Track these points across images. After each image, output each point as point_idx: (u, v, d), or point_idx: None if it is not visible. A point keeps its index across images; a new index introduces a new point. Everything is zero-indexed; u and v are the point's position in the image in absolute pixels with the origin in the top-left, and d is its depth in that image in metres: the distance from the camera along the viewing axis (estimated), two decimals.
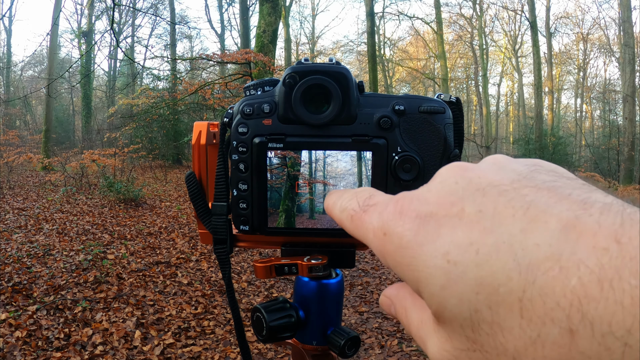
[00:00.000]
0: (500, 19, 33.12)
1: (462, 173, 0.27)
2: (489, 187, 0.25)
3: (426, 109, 0.47)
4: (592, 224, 0.20)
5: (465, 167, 0.27)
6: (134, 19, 29.14)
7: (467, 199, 0.25)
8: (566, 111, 39.76)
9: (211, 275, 5.26)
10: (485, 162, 0.28)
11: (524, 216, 0.22)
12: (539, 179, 0.24)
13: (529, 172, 0.25)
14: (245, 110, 0.47)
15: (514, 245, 0.21)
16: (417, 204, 0.26)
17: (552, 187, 0.23)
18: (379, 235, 0.27)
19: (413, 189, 0.45)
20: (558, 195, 0.22)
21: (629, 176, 16.42)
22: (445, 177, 0.27)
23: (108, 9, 19.88)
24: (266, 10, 10.40)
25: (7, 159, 11.68)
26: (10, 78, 30.45)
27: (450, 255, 0.23)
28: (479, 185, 0.25)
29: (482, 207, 0.24)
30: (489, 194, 0.24)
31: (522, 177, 0.25)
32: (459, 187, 0.26)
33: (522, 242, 0.21)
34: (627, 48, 17.27)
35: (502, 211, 0.23)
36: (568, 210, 0.21)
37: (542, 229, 0.21)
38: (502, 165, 0.27)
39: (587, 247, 0.20)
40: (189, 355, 3.49)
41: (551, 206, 0.22)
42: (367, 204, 0.30)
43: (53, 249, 5.69)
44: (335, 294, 0.52)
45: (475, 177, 0.26)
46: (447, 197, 0.25)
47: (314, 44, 37.61)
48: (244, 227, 0.49)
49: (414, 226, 0.25)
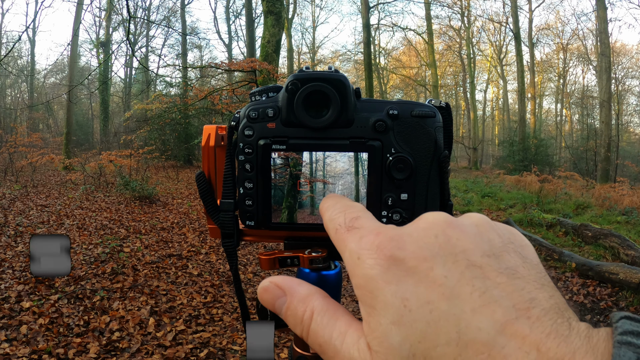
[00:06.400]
0: (486, 30, 33.10)
1: (444, 229, 0.27)
2: (461, 255, 0.26)
3: (418, 113, 0.47)
4: (525, 328, 0.22)
5: (449, 222, 0.28)
6: (148, 30, 29.12)
7: (439, 261, 0.25)
8: (547, 115, 39.74)
9: (219, 267, 5.26)
10: (468, 221, 0.29)
11: (479, 298, 0.24)
12: (504, 262, 0.26)
13: (501, 247, 0.27)
14: (251, 114, 0.47)
15: (461, 320, 0.23)
16: (394, 245, 0.27)
17: (512, 275, 0.25)
18: (353, 257, 0.28)
19: (406, 187, 0.45)
20: (512, 287, 0.24)
21: (605, 175, 16.41)
22: (429, 227, 0.28)
23: (124, 21, 19.88)
24: (270, 22, 10.39)
25: (31, 159, 11.67)
26: (34, 85, 30.45)
27: (408, 302, 0.24)
28: (453, 249, 0.26)
29: (448, 274, 0.25)
30: (458, 263, 0.25)
31: (492, 254, 0.26)
32: (436, 244, 0.26)
33: (469, 320, 0.23)
34: (604, 57, 17.25)
35: (463, 285, 0.24)
36: (513, 308, 0.23)
37: (487, 317, 0.23)
38: (481, 232, 0.27)
39: (514, 346, 0.22)
40: (199, 341, 3.49)
41: (503, 298, 0.23)
42: (352, 224, 0.31)
43: (73, 243, 5.69)
44: (334, 285, 0.52)
45: (454, 237, 0.26)
46: (423, 251, 0.26)
47: (314, 54, 37.56)
48: (249, 223, 0.49)
49: (385, 264, 0.26)
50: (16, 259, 4.85)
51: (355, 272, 0.27)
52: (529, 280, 0.25)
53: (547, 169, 19.67)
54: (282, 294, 0.32)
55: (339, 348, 0.28)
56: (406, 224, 0.47)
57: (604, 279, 4.96)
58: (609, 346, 0.21)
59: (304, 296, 0.32)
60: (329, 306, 0.31)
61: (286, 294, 0.32)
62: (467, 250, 0.26)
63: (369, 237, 0.28)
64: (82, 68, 28.84)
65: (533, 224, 8.07)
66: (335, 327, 0.29)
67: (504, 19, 29.28)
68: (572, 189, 12.97)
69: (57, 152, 15.37)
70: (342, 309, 0.31)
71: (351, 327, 0.28)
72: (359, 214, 0.32)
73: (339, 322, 0.29)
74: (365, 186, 0.47)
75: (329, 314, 0.30)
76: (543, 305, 0.23)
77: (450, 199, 0.50)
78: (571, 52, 32.78)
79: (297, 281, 0.33)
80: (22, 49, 30.24)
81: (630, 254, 5.71)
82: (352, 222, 0.31)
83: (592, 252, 6.28)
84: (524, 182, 13.93)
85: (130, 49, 22.08)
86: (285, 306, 0.32)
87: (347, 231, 0.30)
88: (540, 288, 0.24)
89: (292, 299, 0.32)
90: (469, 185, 15.28)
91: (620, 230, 7.35)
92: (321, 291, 0.33)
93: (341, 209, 0.33)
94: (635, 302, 4.47)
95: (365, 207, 0.34)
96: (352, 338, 0.27)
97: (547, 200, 11.05)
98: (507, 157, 22.55)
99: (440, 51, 33.65)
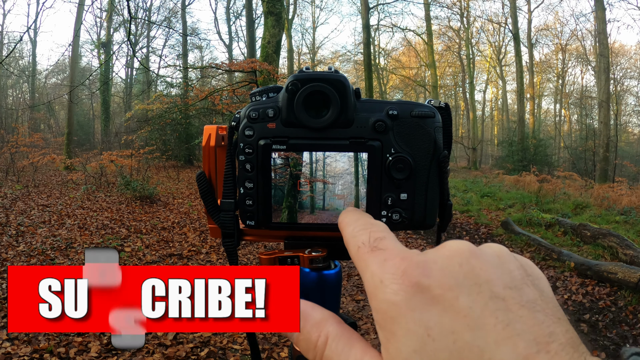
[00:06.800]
0: (485, 31, 33.09)
1: (468, 258, 0.27)
2: (485, 285, 0.26)
3: (417, 113, 0.47)
4: None
5: (472, 252, 0.28)
6: (149, 31, 29.12)
7: (464, 291, 0.25)
8: (546, 115, 39.71)
9: None
10: (489, 250, 0.29)
11: (503, 331, 0.24)
12: (525, 295, 0.26)
13: (521, 279, 0.27)
14: (252, 114, 0.47)
15: (485, 352, 0.23)
16: (420, 273, 0.26)
17: (532, 308, 0.25)
18: (375, 280, 0.28)
19: (405, 187, 0.44)
20: (533, 321, 0.25)
21: (604, 175, 16.41)
22: (453, 255, 0.27)
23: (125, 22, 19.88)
24: (270, 23, 10.39)
25: (33, 159, 11.66)
26: (35, 85, 30.44)
27: (432, 330, 0.24)
28: (477, 279, 0.26)
29: (473, 305, 0.25)
30: (483, 294, 0.25)
31: (514, 287, 0.26)
32: (460, 273, 0.26)
33: (492, 352, 0.23)
34: (602, 58, 17.25)
35: (487, 316, 0.24)
36: (534, 341, 0.24)
37: (511, 350, 0.23)
38: (502, 263, 0.28)
39: None
40: (200, 340, 3.49)
41: (525, 331, 0.24)
42: (376, 245, 0.30)
43: (75, 242, 5.69)
44: (334, 284, 0.52)
45: (477, 267, 0.26)
46: (448, 280, 0.26)
47: (314, 54, 37.56)
48: (250, 222, 0.49)
49: (410, 290, 0.26)
50: (17, 258, 4.85)
51: (377, 296, 0.27)
52: (547, 314, 0.25)
53: (546, 169, 19.66)
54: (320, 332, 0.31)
55: None
56: (405, 223, 0.47)
57: (603, 279, 4.96)
58: None
59: (317, 321, 0.31)
60: (344, 332, 0.30)
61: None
62: (491, 281, 0.26)
63: (394, 261, 0.28)
64: (83, 68, 28.83)
65: (532, 223, 8.07)
66: (351, 354, 0.28)
67: (503, 19, 29.29)
68: (571, 188, 12.96)
69: (58, 152, 15.36)
70: (357, 335, 0.30)
71: (367, 355, 0.28)
72: (384, 235, 0.31)
73: (354, 349, 0.28)
74: (364, 186, 0.47)
75: (344, 340, 0.29)
76: (561, 339, 0.24)
77: (449, 199, 0.50)
78: (570, 53, 32.78)
79: (310, 305, 0.32)
80: (24, 49, 30.26)
81: (628, 253, 5.71)
82: (377, 243, 0.30)
83: (591, 251, 6.28)
84: (523, 182, 13.93)
85: (131, 50, 22.11)
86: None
87: (370, 251, 0.30)
88: (557, 322, 0.25)
89: (305, 323, 0.31)
90: (468, 185, 15.28)
91: (618, 229, 7.35)
92: (335, 316, 0.32)
93: (364, 226, 0.32)
94: (634, 301, 4.47)
95: (388, 228, 0.33)
96: None
97: (546, 200, 11.05)
98: (506, 157, 22.54)
99: (439, 52, 33.64)
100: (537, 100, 32.82)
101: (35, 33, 28.11)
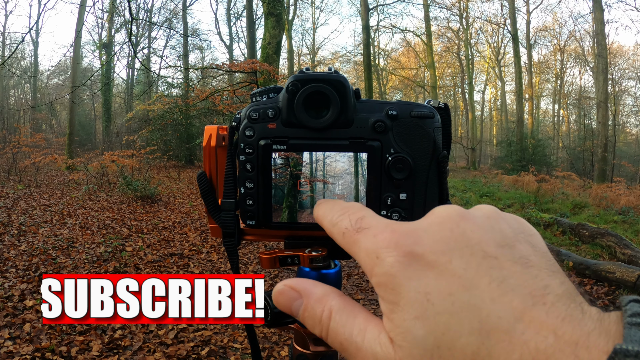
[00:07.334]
0: (484, 31, 33.10)
1: (458, 222, 0.27)
2: (477, 247, 0.26)
3: (417, 114, 0.47)
4: (541, 314, 0.23)
5: (462, 215, 0.28)
6: (150, 32, 29.12)
7: (456, 254, 0.26)
8: (545, 116, 39.73)
9: (220, 266, 5.26)
10: (479, 212, 0.29)
11: (497, 288, 0.24)
12: (517, 252, 0.26)
13: (513, 237, 0.27)
14: (252, 115, 0.47)
15: (482, 310, 0.24)
16: (411, 241, 0.27)
17: (525, 263, 0.26)
18: (371, 257, 0.28)
19: (405, 187, 0.44)
20: (527, 276, 0.25)
21: (602, 175, 16.40)
22: (443, 220, 0.28)
23: (126, 23, 19.88)
24: (271, 24, 10.40)
25: (34, 159, 11.67)
26: (37, 86, 30.46)
27: (431, 295, 0.25)
28: (469, 241, 0.26)
29: (466, 266, 0.25)
30: (475, 255, 0.26)
31: (506, 244, 0.26)
32: (452, 237, 0.27)
33: (489, 310, 0.24)
34: (600, 58, 17.25)
35: (481, 276, 0.25)
36: (529, 295, 0.24)
37: (506, 306, 0.24)
38: (493, 223, 0.28)
39: (533, 332, 0.23)
40: (200, 339, 3.49)
41: (519, 286, 0.24)
42: (360, 225, 0.30)
43: (76, 242, 5.69)
44: (334, 283, 0.52)
45: (468, 229, 0.27)
46: (440, 245, 0.26)
47: (314, 55, 37.55)
48: (250, 222, 0.49)
49: (405, 260, 0.26)
50: (19, 257, 4.85)
51: (375, 271, 0.27)
52: (541, 268, 0.25)
53: (545, 169, 19.67)
54: (298, 296, 0.32)
55: (361, 344, 0.28)
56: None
57: (601, 278, 4.96)
58: (620, 328, 0.22)
59: (320, 296, 0.31)
60: (346, 304, 0.31)
61: (302, 295, 0.32)
62: (482, 242, 0.26)
63: (383, 234, 0.28)
64: (85, 69, 28.85)
65: (530, 223, 8.01)
66: (355, 325, 0.29)
67: (502, 20, 29.30)
68: (570, 188, 12.97)
69: (59, 152, 15.36)
70: (359, 306, 0.30)
71: (370, 323, 0.28)
72: (363, 214, 0.31)
73: (357, 319, 0.29)
74: (364, 186, 0.47)
75: (347, 312, 0.30)
76: (556, 291, 0.24)
77: (448, 199, 0.50)
78: (568, 54, 32.78)
79: (311, 282, 0.33)
80: (26, 50, 30.26)
81: (626, 252, 5.71)
82: (360, 223, 0.30)
83: (589, 251, 6.28)
84: (522, 182, 13.94)
85: (132, 50, 22.08)
86: (302, 308, 0.32)
87: (356, 232, 0.30)
88: (552, 275, 0.25)
89: (308, 300, 0.32)
90: (467, 185, 15.28)
91: (616, 229, 7.35)
92: (336, 290, 0.32)
93: (341, 212, 0.32)
94: None
95: (362, 205, 0.34)
96: (373, 334, 0.27)
97: (544, 199, 11.05)
98: (505, 157, 22.55)
99: (438, 52, 33.64)
100: (535, 100, 32.85)
101: (37, 34, 28.14)
